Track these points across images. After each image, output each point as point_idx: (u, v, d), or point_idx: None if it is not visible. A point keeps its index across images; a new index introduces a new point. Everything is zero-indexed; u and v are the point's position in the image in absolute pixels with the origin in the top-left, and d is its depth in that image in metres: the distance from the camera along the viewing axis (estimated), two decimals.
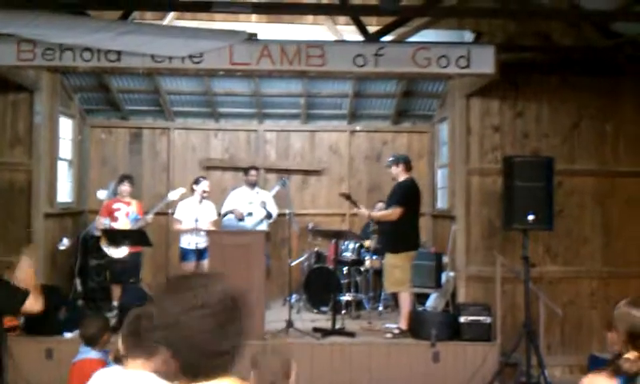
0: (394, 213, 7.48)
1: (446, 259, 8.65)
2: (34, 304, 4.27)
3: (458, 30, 8.13)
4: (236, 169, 10.47)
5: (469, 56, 7.08)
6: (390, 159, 7.92)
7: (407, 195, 7.55)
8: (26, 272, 4.32)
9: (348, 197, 8.25)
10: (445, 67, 7.07)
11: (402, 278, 7.46)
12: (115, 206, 8.41)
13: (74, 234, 9.35)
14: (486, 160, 8.24)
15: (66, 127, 9.66)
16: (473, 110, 8.24)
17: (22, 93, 8.16)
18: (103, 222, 8.32)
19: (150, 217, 8.40)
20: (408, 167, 7.73)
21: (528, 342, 6.87)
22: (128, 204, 8.43)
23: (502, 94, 8.21)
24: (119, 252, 8.09)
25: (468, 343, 7.23)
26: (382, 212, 8.02)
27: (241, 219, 8.96)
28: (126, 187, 8.47)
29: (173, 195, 8.42)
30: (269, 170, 10.66)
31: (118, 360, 4.48)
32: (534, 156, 7.91)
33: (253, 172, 9.34)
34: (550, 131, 8.27)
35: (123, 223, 8.27)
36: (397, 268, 7.47)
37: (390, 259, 7.59)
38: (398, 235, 7.54)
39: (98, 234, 8.56)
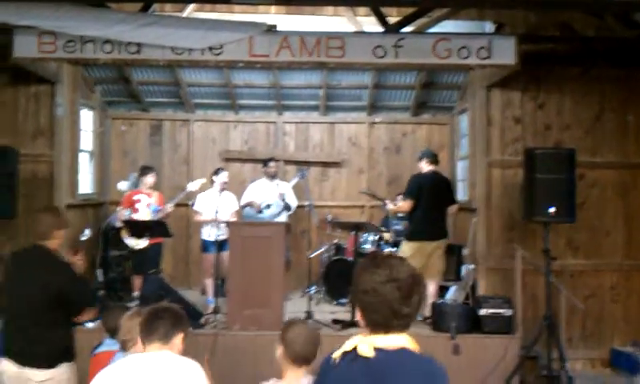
0: (402, 205, 7.88)
1: (465, 251, 8.61)
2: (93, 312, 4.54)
3: (478, 21, 8.07)
4: (255, 160, 10.49)
5: (490, 47, 7.03)
6: (418, 155, 8.25)
7: (412, 188, 7.80)
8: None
9: (372, 195, 8.66)
10: (465, 58, 7.03)
11: None
12: (136, 197, 8.44)
13: (95, 225, 9.44)
14: (506, 152, 8.18)
15: (87, 119, 9.76)
16: (493, 102, 8.18)
17: (44, 85, 8.23)
18: (124, 213, 8.37)
19: (169, 207, 8.42)
20: (430, 161, 7.92)
21: (549, 335, 6.82)
22: (149, 195, 8.47)
23: (523, 85, 8.15)
24: (140, 243, 8.13)
25: (488, 336, 7.19)
26: (396, 205, 8.26)
27: (259, 211, 8.98)
28: (150, 179, 8.48)
29: (192, 186, 8.43)
30: (288, 162, 10.67)
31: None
32: (556, 148, 7.83)
33: (272, 164, 9.34)
34: (572, 123, 8.19)
35: (144, 214, 8.31)
36: (404, 254, 7.53)
37: (402, 246, 7.92)
38: (410, 225, 7.92)
39: (118, 225, 8.61)
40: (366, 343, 2.34)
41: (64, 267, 4.57)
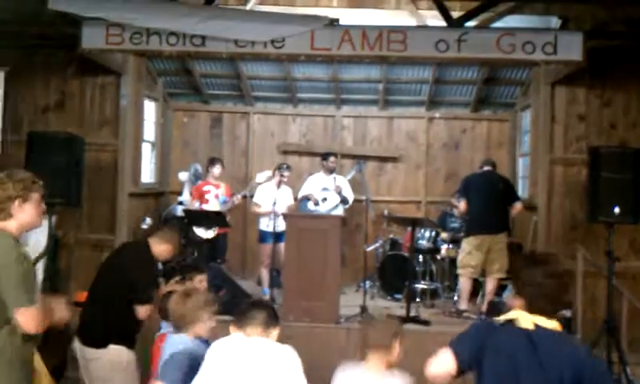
0: (460, 206, 8.24)
1: (525, 250, 8.47)
2: (143, 312, 4.67)
3: (544, 16, 7.90)
4: (313, 154, 10.53)
5: (555, 42, 6.91)
6: None
7: (460, 187, 8.23)
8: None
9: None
10: (530, 54, 6.92)
11: (461, 261, 8.01)
12: (205, 188, 8.60)
13: (155, 213, 9.64)
14: (570, 150, 8.02)
15: (150, 110, 9.96)
16: (558, 98, 8.03)
17: (110, 76, 8.45)
18: (194, 204, 8.54)
19: (237, 198, 8.57)
20: (485, 164, 8.34)
21: (609, 338, 6.66)
22: (217, 186, 8.62)
23: (589, 82, 7.96)
24: (209, 233, 8.30)
25: None
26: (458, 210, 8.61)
27: (316, 204, 9.02)
28: (217, 170, 8.64)
29: (260, 178, 8.57)
30: (345, 156, 10.66)
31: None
32: (622, 147, 7.62)
33: (332, 158, 9.29)
34: (639, 121, 7.96)
35: (213, 205, 8.45)
36: (464, 252, 8.02)
37: (462, 244, 8.14)
38: (467, 222, 8.26)
39: (180, 214, 8.79)
40: (527, 318, 2.83)
41: (143, 260, 4.75)
